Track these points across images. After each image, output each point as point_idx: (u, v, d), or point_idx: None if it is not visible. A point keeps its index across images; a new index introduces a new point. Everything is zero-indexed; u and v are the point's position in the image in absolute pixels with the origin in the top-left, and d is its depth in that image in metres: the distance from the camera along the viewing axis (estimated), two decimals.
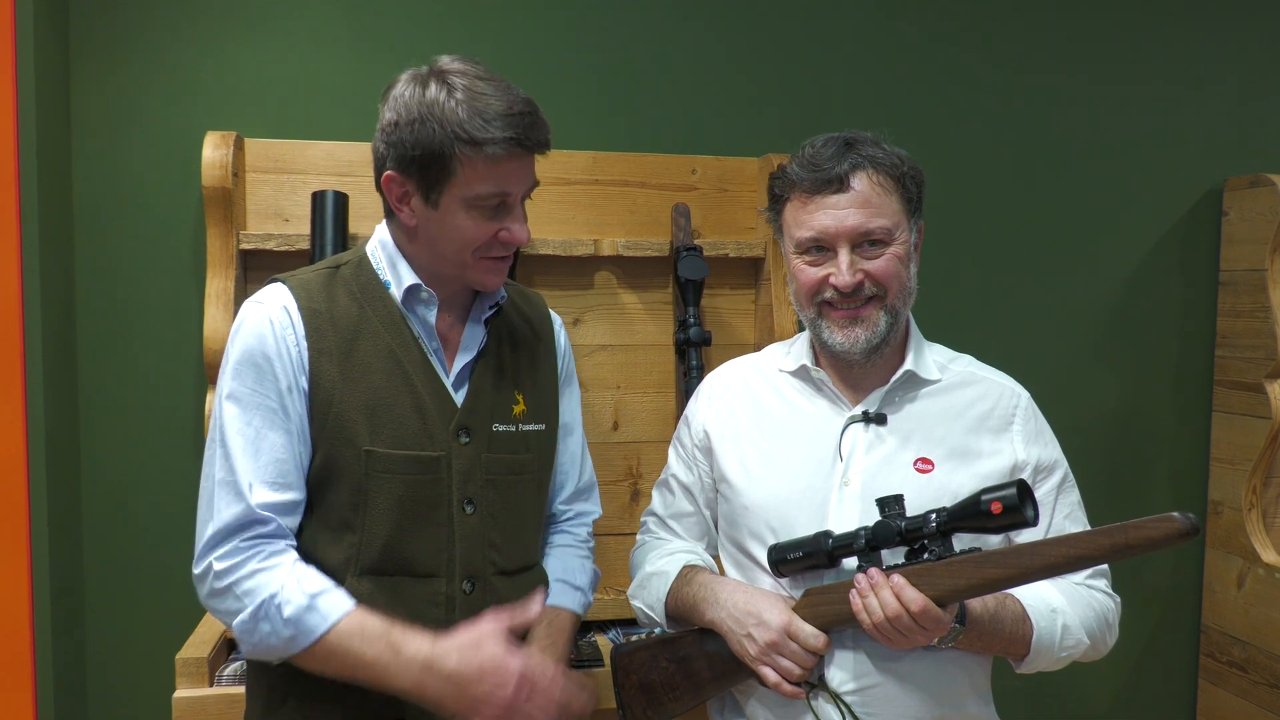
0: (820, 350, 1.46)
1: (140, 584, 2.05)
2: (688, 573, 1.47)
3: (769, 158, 2.15)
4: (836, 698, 1.34)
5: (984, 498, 1.21)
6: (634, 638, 1.71)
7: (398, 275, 1.38)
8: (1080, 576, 1.43)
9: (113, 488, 2.04)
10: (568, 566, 1.53)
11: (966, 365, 1.50)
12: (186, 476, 2.03)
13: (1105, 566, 1.45)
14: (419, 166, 1.29)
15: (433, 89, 1.28)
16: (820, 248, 1.39)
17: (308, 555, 1.33)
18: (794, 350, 1.52)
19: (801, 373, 1.49)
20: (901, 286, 1.39)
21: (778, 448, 1.45)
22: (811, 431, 1.44)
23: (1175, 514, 1.10)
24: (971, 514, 1.22)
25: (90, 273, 2.02)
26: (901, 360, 1.45)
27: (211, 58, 2.04)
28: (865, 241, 1.37)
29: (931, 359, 1.47)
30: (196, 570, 1.30)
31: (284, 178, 2.01)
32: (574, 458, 1.58)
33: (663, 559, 1.52)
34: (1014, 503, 1.19)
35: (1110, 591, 1.46)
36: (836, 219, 1.36)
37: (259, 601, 1.25)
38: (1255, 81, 2.52)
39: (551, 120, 2.05)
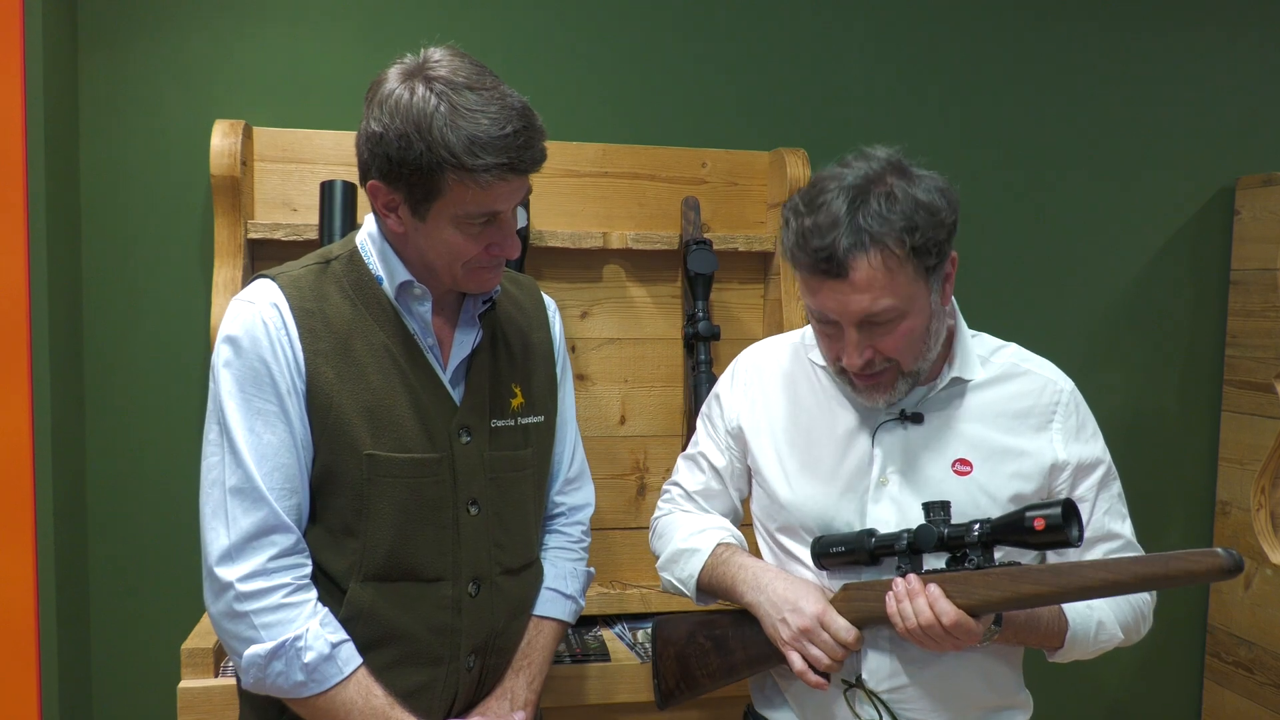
0: None
1: (145, 573, 2.04)
2: (722, 551, 1.46)
3: (780, 151, 2.14)
4: (873, 696, 1.35)
5: (1028, 514, 1.20)
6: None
7: (390, 270, 1.32)
8: None
9: (118, 477, 2.03)
10: (559, 572, 1.51)
11: (1010, 356, 1.45)
12: (193, 466, 1.96)
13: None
14: (405, 182, 1.23)
15: (419, 93, 1.20)
16: (828, 321, 1.32)
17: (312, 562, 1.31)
18: None
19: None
20: (916, 351, 1.31)
21: (814, 445, 1.44)
22: (847, 429, 1.42)
23: (1219, 550, 1.08)
24: (1015, 528, 1.21)
25: (97, 261, 2.01)
26: (944, 357, 1.41)
27: (220, 46, 2.03)
28: (873, 322, 1.28)
29: (975, 354, 1.43)
30: (210, 582, 1.26)
31: (292, 167, 1.99)
32: (567, 448, 1.55)
33: (695, 535, 1.50)
34: (1057, 522, 1.18)
35: None
36: (839, 303, 1.27)
37: (280, 641, 1.23)
38: (1268, 80, 2.50)
39: (561, 112, 2.14)
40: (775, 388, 1.50)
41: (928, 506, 1.28)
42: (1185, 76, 2.46)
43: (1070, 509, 1.19)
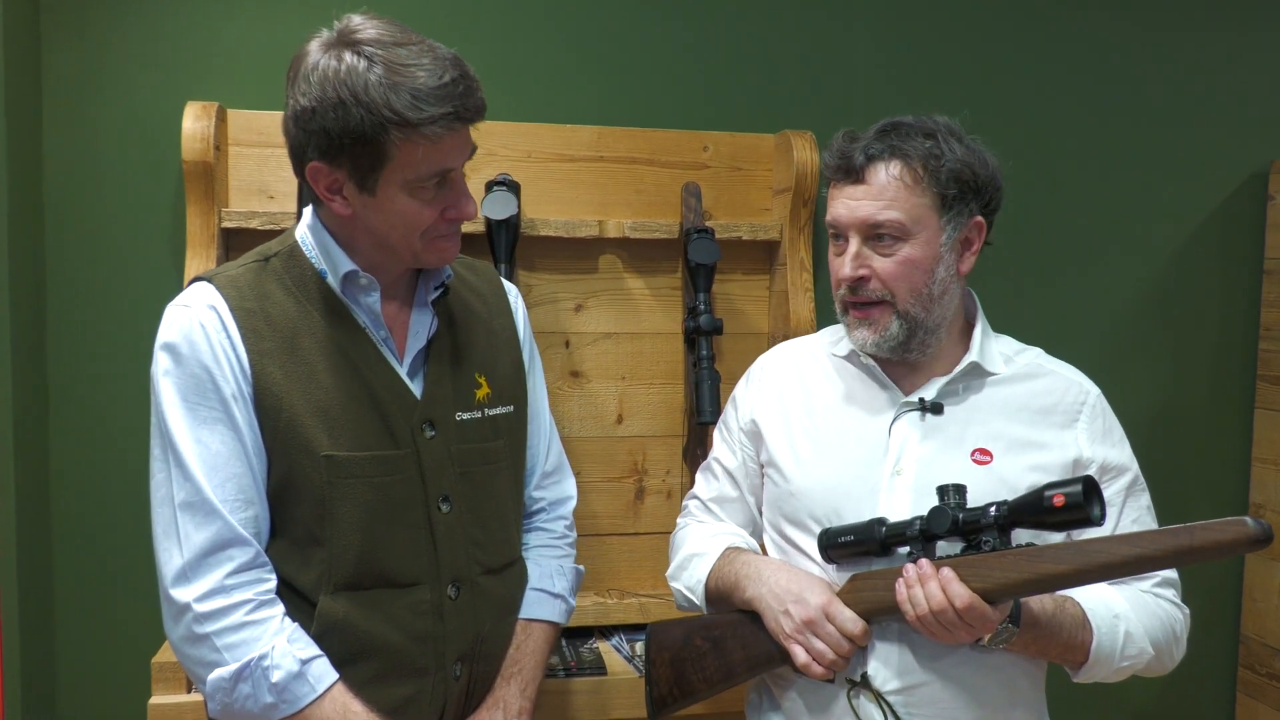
0: None
1: (114, 582, 2.00)
2: (730, 553, 1.47)
3: (786, 134, 2.08)
4: (879, 697, 1.32)
5: (1047, 492, 1.19)
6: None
7: (333, 262, 1.30)
8: (1147, 584, 1.40)
9: (84, 481, 1.99)
10: (544, 571, 1.48)
11: (1034, 357, 1.47)
12: None
13: (1174, 575, 1.42)
14: (348, 155, 1.20)
15: (348, 60, 1.18)
16: (841, 236, 1.39)
17: (277, 577, 1.28)
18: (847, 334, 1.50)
19: (853, 358, 1.48)
20: (914, 290, 1.35)
21: (828, 433, 1.44)
22: (864, 418, 1.43)
23: (1246, 518, 1.07)
24: (1033, 508, 1.20)
25: (61, 253, 1.97)
26: (964, 350, 1.43)
27: (192, 22, 1.98)
28: (877, 235, 1.35)
29: (997, 351, 1.45)
30: (167, 606, 1.23)
31: (269, 152, 1.95)
32: (541, 441, 1.53)
33: (704, 540, 1.51)
34: (1078, 499, 1.17)
35: (1179, 602, 1.42)
36: (849, 208, 1.36)
37: (245, 661, 1.20)
38: None
39: (554, 93, 2.13)
40: (791, 380, 1.52)
41: (942, 489, 1.28)
42: (1215, 57, 2.40)
43: (1091, 485, 1.18)
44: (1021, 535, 1.26)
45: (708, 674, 1.43)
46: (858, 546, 1.33)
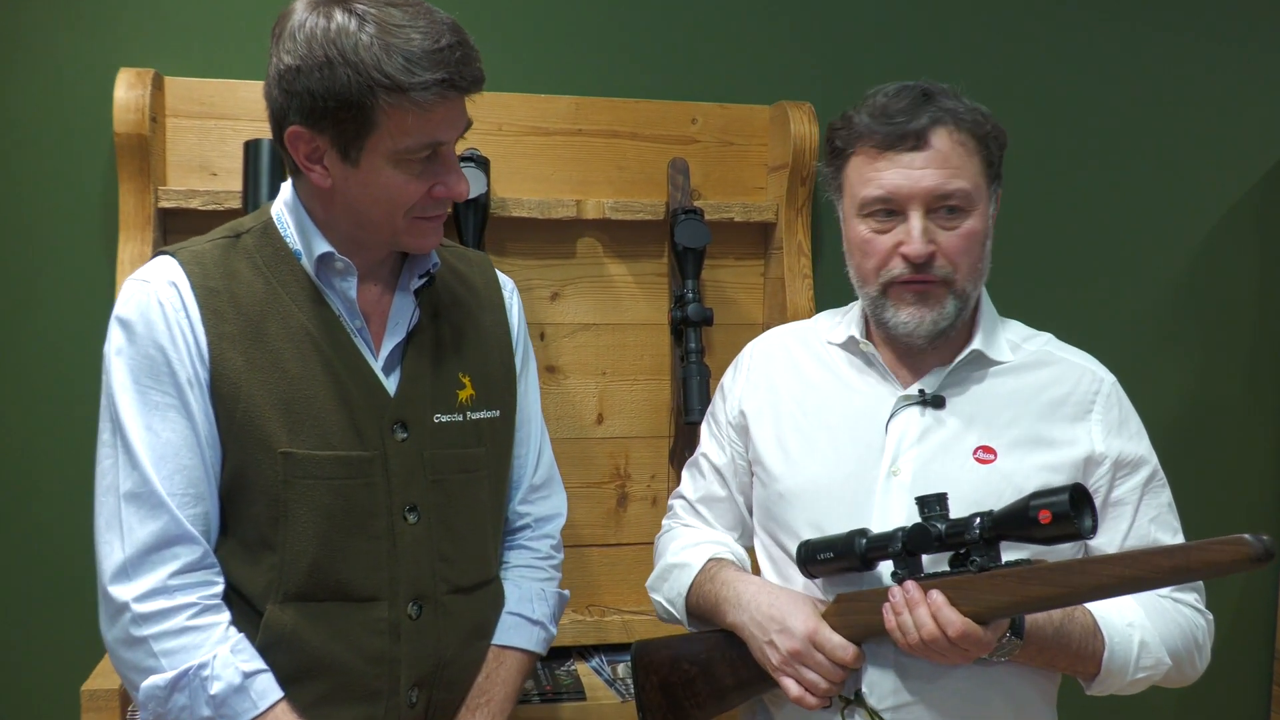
0: (875, 325, 1.40)
1: (40, 600, 1.92)
2: (712, 567, 1.43)
3: (782, 105, 2.01)
4: (875, 715, 1.30)
5: (1033, 504, 1.15)
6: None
7: (308, 242, 1.27)
8: (1165, 589, 1.36)
9: (8, 486, 1.91)
10: (524, 594, 1.43)
11: (1044, 344, 1.42)
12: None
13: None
14: (332, 120, 1.17)
15: (338, 19, 1.16)
16: (890, 211, 1.32)
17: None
18: (845, 320, 1.46)
19: (850, 345, 1.42)
20: (973, 268, 1.33)
21: (820, 429, 1.40)
22: (859, 412, 1.38)
23: (1246, 536, 1.03)
24: (1019, 522, 1.17)
25: None
26: (968, 339, 1.37)
27: None
28: (942, 208, 1.30)
29: (1004, 338, 1.40)
30: (104, 604, 1.20)
31: (211, 124, 1.89)
32: (531, 450, 1.49)
33: (687, 549, 1.47)
34: (1064, 510, 1.12)
35: (1201, 608, 1.37)
36: (911, 178, 1.29)
37: (183, 669, 1.16)
38: None
39: (528, 59, 2.01)
40: (782, 370, 1.48)
41: (921, 501, 1.24)
42: (1247, 31, 2.35)
43: (1080, 495, 1.15)
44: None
45: (700, 699, 1.40)
46: (839, 562, 1.29)
